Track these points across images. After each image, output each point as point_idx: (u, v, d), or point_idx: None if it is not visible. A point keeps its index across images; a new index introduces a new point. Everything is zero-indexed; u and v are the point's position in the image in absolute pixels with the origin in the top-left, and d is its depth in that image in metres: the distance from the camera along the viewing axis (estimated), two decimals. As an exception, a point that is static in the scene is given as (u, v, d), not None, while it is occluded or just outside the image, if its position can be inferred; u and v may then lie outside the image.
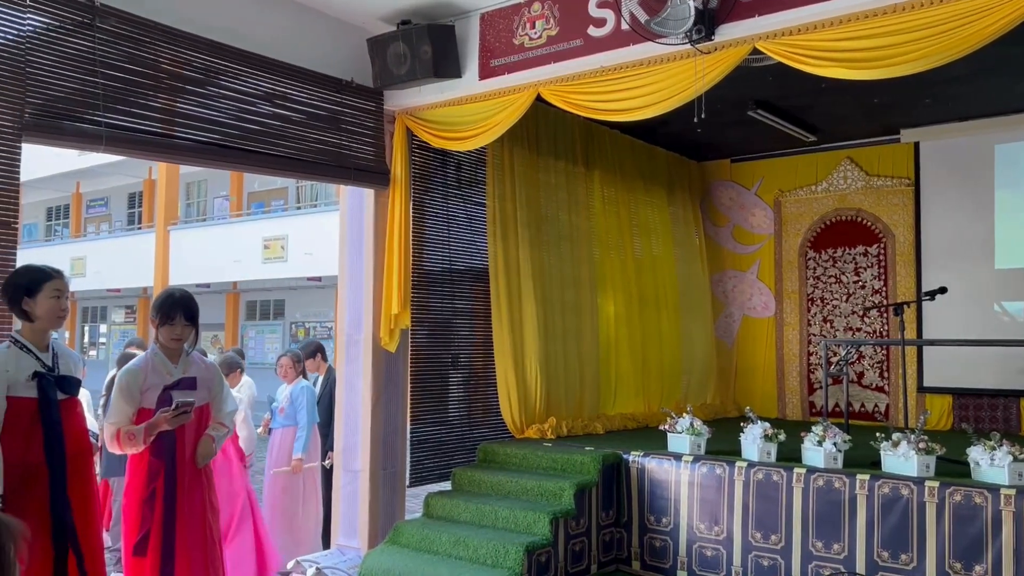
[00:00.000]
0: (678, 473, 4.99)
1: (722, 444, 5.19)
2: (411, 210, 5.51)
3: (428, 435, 5.71)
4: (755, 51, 4.23)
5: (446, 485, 5.59)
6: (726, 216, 8.45)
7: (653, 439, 5.63)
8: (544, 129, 6.37)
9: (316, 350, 6.38)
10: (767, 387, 8.09)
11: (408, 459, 5.61)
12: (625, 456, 5.23)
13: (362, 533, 5.34)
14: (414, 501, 6.29)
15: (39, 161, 19.39)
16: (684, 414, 5.25)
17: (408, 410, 5.61)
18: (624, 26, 4.51)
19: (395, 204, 5.42)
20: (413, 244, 5.51)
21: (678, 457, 5.04)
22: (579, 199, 6.80)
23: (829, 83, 5.02)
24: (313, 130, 5.08)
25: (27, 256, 3.85)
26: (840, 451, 4.59)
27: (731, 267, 8.42)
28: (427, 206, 5.77)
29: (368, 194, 5.52)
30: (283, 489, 5.80)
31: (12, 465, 3.21)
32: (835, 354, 6.93)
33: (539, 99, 5.00)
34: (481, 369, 6.11)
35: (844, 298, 7.74)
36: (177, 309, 3.81)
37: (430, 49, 5.00)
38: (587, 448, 5.36)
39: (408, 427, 5.61)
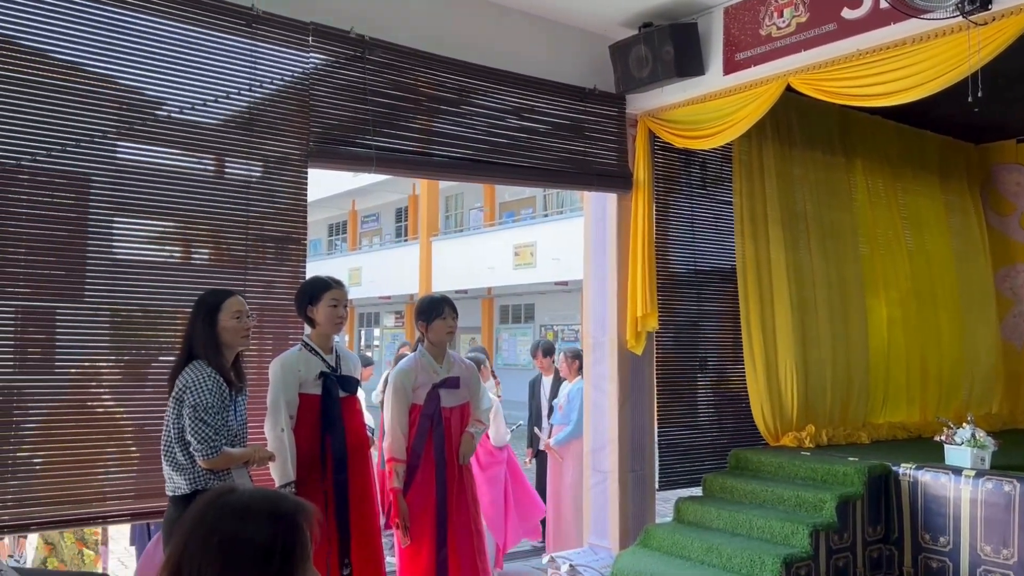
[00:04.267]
0: (957, 489, 4.51)
1: (1012, 458, 4.63)
2: (654, 212, 5.49)
3: (676, 439, 5.64)
4: (1044, 15, 3.73)
5: (696, 490, 5.49)
6: (1013, 203, 7.50)
7: (927, 451, 5.14)
8: (796, 120, 6.06)
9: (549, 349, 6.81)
10: (1068, 396, 7.07)
11: (657, 462, 5.59)
12: (895, 468, 4.83)
13: (612, 534, 5.39)
14: (664, 505, 6.25)
15: (321, 183, 21.72)
16: (964, 424, 4.74)
17: (655, 413, 5.59)
18: (883, 4, 4.18)
19: (638, 207, 5.42)
20: (657, 246, 5.49)
21: (957, 471, 4.56)
22: (839, 192, 6.37)
23: None
24: (558, 139, 5.23)
25: (313, 268, 4.34)
26: None
27: (1020, 260, 7.45)
28: (671, 207, 5.71)
29: (611, 198, 5.58)
30: (552, 484, 6.10)
31: (301, 454, 3.65)
32: None
33: (789, 89, 4.77)
34: (731, 373, 5.93)
35: None
36: (444, 304, 4.18)
37: (672, 49, 4.96)
38: (851, 458, 5.02)
39: (656, 430, 5.59)
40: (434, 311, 4.15)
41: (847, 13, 4.37)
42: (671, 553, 4.78)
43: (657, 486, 5.59)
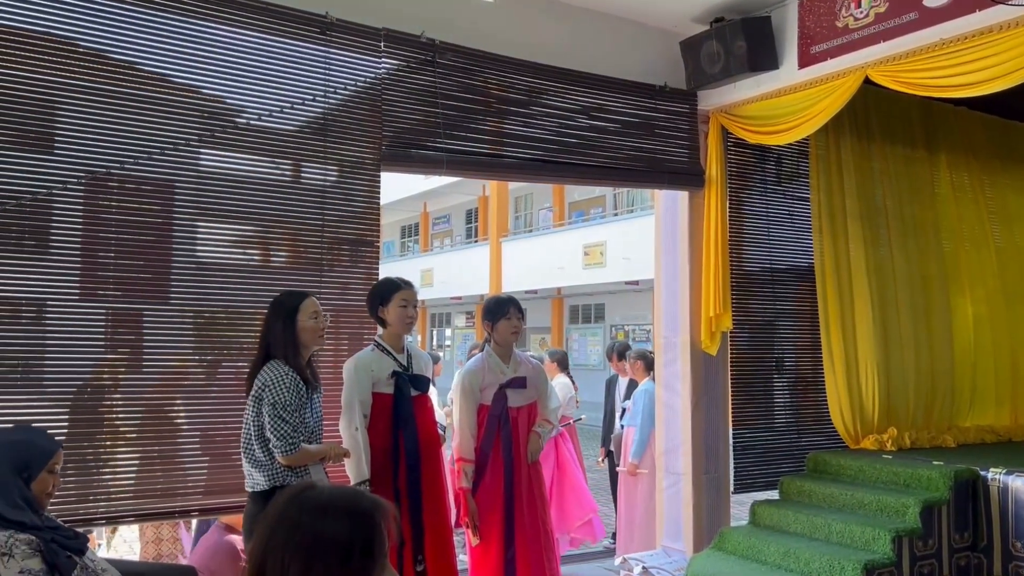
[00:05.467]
0: (1053, 496, 4.31)
1: (1112, 465, 4.39)
2: (728, 209, 5.40)
3: (752, 441, 5.54)
4: None
5: (772, 493, 5.38)
6: (1112, 196, 7.11)
7: (1018, 455, 4.93)
8: (875, 112, 5.87)
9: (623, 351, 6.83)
10: None
11: (731, 465, 5.50)
12: (983, 473, 4.63)
13: (686, 536, 5.33)
14: (739, 508, 6.15)
15: (393, 186, 22.03)
16: (1059, 428, 4.53)
17: (730, 415, 5.49)
18: (968, -10, 4.02)
19: (711, 204, 5.34)
20: (731, 244, 5.39)
21: (1052, 478, 4.36)
22: (921, 186, 6.14)
23: None
24: (628, 138, 5.20)
25: (387, 270, 4.41)
26: None
27: (1121, 255, 7.05)
28: (745, 204, 5.61)
29: (683, 196, 5.51)
30: (624, 485, 6.09)
31: (375, 452, 3.71)
32: None
33: (867, 81, 4.64)
34: (810, 374, 5.79)
35: None
36: (509, 304, 4.19)
37: (744, 44, 4.87)
38: (935, 462, 4.84)
39: (730, 432, 5.50)
40: (499, 312, 4.17)
41: (929, 1, 4.22)
42: (747, 557, 4.69)
43: (732, 489, 5.50)
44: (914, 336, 5.81)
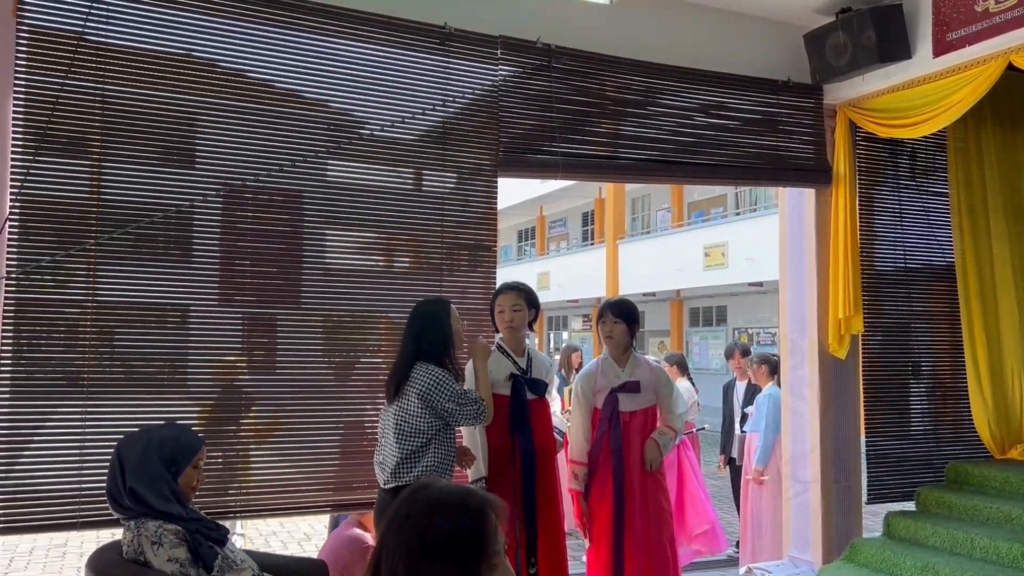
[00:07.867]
0: None
1: None
2: (857, 207, 5.17)
3: (886, 450, 5.27)
4: None
5: (907, 505, 5.11)
6: None
7: None
8: (1020, 100, 5.49)
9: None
10: None
11: (864, 474, 5.25)
12: None
13: (815, 547, 5.12)
14: (871, 519, 5.86)
15: (509, 191, 22.28)
16: None
17: (861, 422, 5.25)
18: None
19: (839, 202, 5.13)
20: (861, 243, 5.16)
21: None
22: (1073, 179, 5.70)
23: None
24: (749, 135, 5.06)
25: (504, 274, 4.47)
26: None
27: None
28: (876, 201, 5.36)
29: (808, 194, 5.31)
30: (748, 493, 5.96)
31: (491, 453, 3.77)
32: None
33: (1011, 68, 4.34)
34: (949, 379, 5.46)
35: None
36: (605, 309, 4.18)
37: (873, 34, 4.66)
38: (1094, 476, 4.48)
39: (863, 440, 5.25)
40: (599, 317, 4.18)
41: (1082, -22, 3.91)
42: (880, 570, 4.48)
43: (866, 499, 5.25)
44: (1069, 340, 5.39)
